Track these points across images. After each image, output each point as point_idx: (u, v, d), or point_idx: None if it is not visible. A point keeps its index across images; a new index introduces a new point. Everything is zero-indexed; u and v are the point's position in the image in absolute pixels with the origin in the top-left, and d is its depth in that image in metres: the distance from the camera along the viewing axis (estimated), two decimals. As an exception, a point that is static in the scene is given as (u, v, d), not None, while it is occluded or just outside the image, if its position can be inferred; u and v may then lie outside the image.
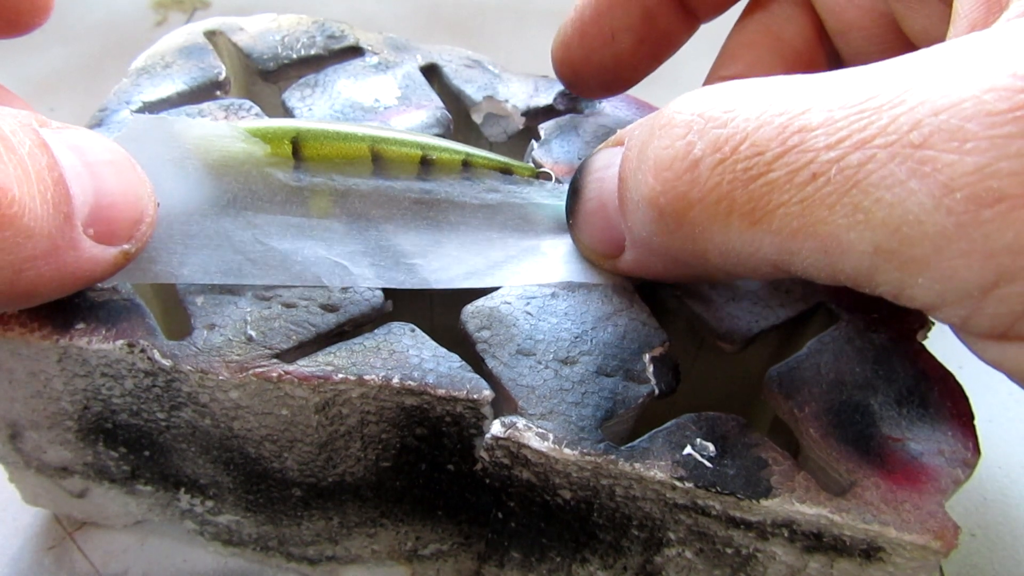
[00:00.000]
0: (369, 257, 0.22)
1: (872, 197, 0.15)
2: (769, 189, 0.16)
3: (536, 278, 0.23)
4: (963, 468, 0.21)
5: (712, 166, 0.17)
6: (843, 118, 0.15)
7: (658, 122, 0.18)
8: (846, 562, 0.20)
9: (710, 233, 0.17)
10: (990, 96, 0.14)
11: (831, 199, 0.15)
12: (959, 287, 0.15)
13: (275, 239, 0.22)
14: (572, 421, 0.20)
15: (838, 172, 0.15)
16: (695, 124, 0.17)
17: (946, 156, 0.14)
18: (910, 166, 0.14)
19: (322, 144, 0.23)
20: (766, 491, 0.20)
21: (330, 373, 0.21)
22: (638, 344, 0.22)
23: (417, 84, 0.28)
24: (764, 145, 0.16)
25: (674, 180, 0.17)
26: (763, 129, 0.16)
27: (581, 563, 0.24)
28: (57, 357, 0.22)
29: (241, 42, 0.29)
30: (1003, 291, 0.14)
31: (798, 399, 0.21)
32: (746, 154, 0.16)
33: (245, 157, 0.22)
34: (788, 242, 0.16)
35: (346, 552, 0.27)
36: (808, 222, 0.16)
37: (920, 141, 0.14)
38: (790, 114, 0.16)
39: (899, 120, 0.15)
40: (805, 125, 0.16)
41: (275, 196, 0.22)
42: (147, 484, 0.26)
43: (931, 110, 0.14)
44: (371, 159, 0.23)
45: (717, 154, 0.17)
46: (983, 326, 0.15)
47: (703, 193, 0.17)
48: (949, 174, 0.14)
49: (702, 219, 0.17)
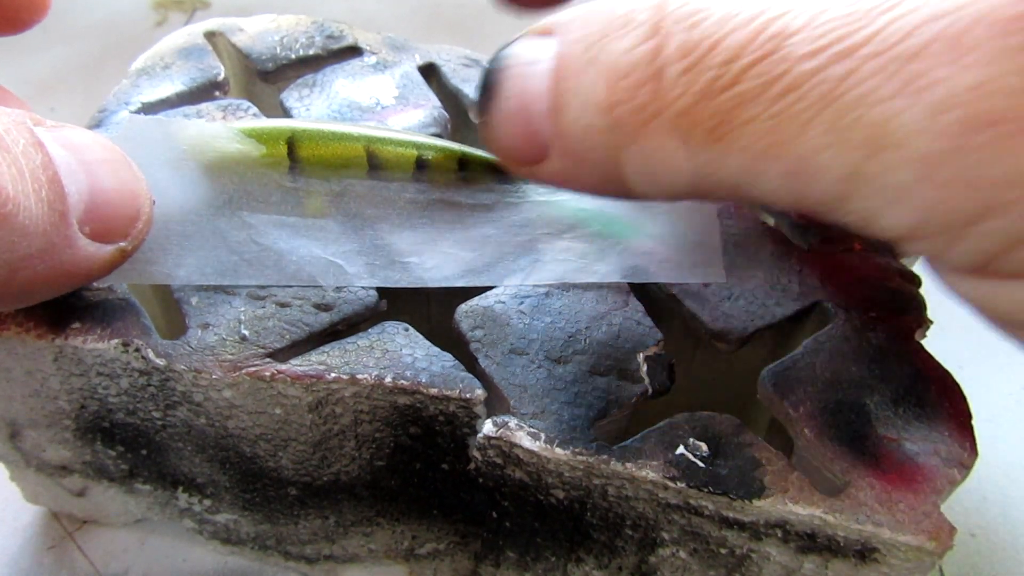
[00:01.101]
0: (364, 256, 0.22)
1: (852, 115, 0.13)
2: (738, 102, 0.14)
3: (532, 278, 0.23)
4: (959, 469, 0.20)
5: (678, 75, 0.15)
6: (827, 22, 0.14)
7: (612, 16, 0.16)
8: (841, 563, 0.20)
9: (666, 150, 0.16)
10: (998, 0, 0.12)
11: (806, 115, 0.14)
12: (939, 219, 0.14)
13: (270, 239, 0.22)
14: (564, 420, 0.20)
15: (816, 85, 0.14)
16: (661, 24, 0.15)
17: (941, 70, 0.13)
18: (899, 81, 0.13)
19: (317, 145, 0.23)
20: (759, 491, 0.20)
21: (323, 372, 0.21)
22: (632, 343, 0.22)
23: (415, 84, 0.28)
24: (735, 52, 0.14)
25: (633, 89, 0.15)
26: (736, 33, 0.14)
27: (576, 563, 0.24)
28: (53, 356, 0.22)
29: (240, 43, 0.30)
30: (987, 225, 0.13)
31: (793, 399, 0.21)
32: (716, 61, 0.14)
33: (240, 157, 0.22)
34: (753, 163, 0.15)
35: (343, 551, 0.27)
36: (778, 140, 0.14)
37: (914, 51, 0.13)
38: (768, 15, 0.14)
39: (892, 26, 0.13)
40: (782, 29, 0.14)
41: (270, 196, 0.22)
42: (145, 483, 0.26)
43: (930, 14, 0.13)
44: (366, 159, 0.23)
45: (684, 61, 0.15)
46: (959, 261, 0.14)
47: (664, 105, 0.15)
48: (943, 91, 0.13)
49: (660, 134, 0.15)
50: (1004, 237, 0.13)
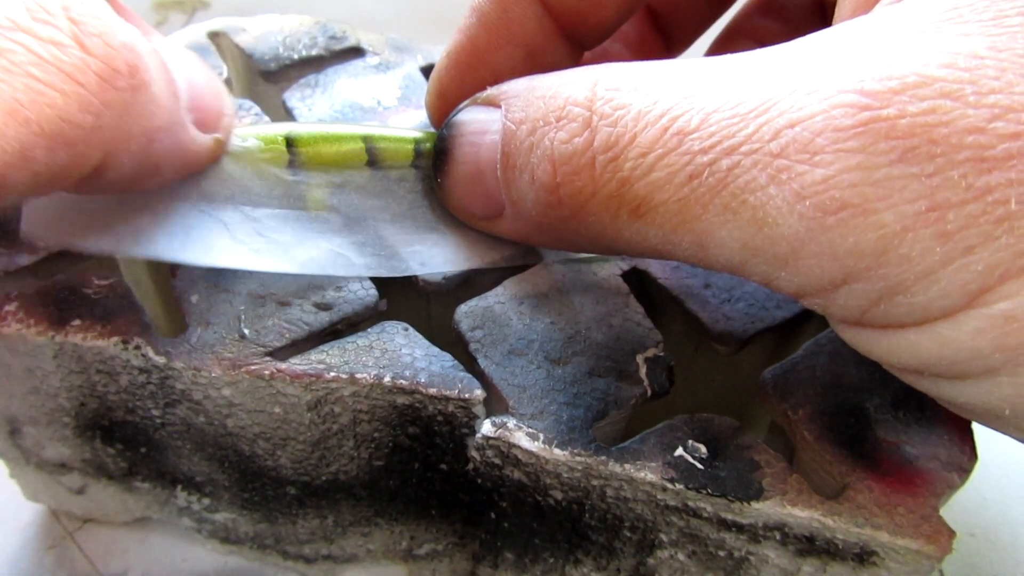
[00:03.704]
0: (369, 247, 0.22)
1: (739, 199, 0.16)
2: (652, 188, 0.17)
3: (532, 258, 0.23)
4: (959, 473, 0.20)
5: (604, 164, 0.18)
6: (716, 122, 0.16)
7: (551, 106, 0.19)
8: (839, 566, 0.20)
9: (602, 222, 0.18)
10: (838, 112, 0.15)
11: (704, 199, 0.16)
12: (814, 283, 0.16)
13: (275, 232, 0.22)
14: (563, 421, 0.20)
15: (710, 175, 0.16)
16: (591, 119, 0.18)
17: (799, 166, 0.15)
18: (769, 173, 0.16)
19: (315, 139, 0.23)
20: (757, 493, 0.19)
21: (322, 371, 0.21)
22: (632, 345, 0.22)
23: (417, 84, 0.28)
24: (647, 146, 0.17)
25: (572, 175, 0.18)
26: (647, 130, 0.17)
27: (574, 564, 0.24)
28: (53, 353, 0.22)
29: (243, 43, 0.30)
30: (850, 288, 0.16)
31: (792, 401, 0.21)
32: (633, 154, 0.17)
33: (240, 155, 0.22)
34: (669, 235, 0.17)
35: (342, 551, 0.27)
36: (685, 219, 0.17)
37: (778, 151, 0.16)
38: (671, 115, 0.17)
39: (762, 129, 0.16)
40: (683, 128, 0.17)
41: (272, 191, 0.22)
42: (144, 481, 0.26)
43: (788, 121, 0.16)
44: (365, 153, 0.23)
45: (609, 153, 0.18)
46: (838, 315, 0.17)
47: (597, 188, 0.18)
48: (801, 183, 0.15)
49: (596, 210, 0.18)
50: (867, 296, 0.16)
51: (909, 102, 0.15)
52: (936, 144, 0.15)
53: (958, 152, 0.15)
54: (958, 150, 0.15)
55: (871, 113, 0.15)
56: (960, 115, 0.15)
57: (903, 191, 0.15)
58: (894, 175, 0.15)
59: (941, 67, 0.15)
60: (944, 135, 0.15)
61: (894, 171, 0.15)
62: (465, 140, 0.21)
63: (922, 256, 0.15)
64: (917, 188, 0.15)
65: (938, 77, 0.15)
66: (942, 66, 0.15)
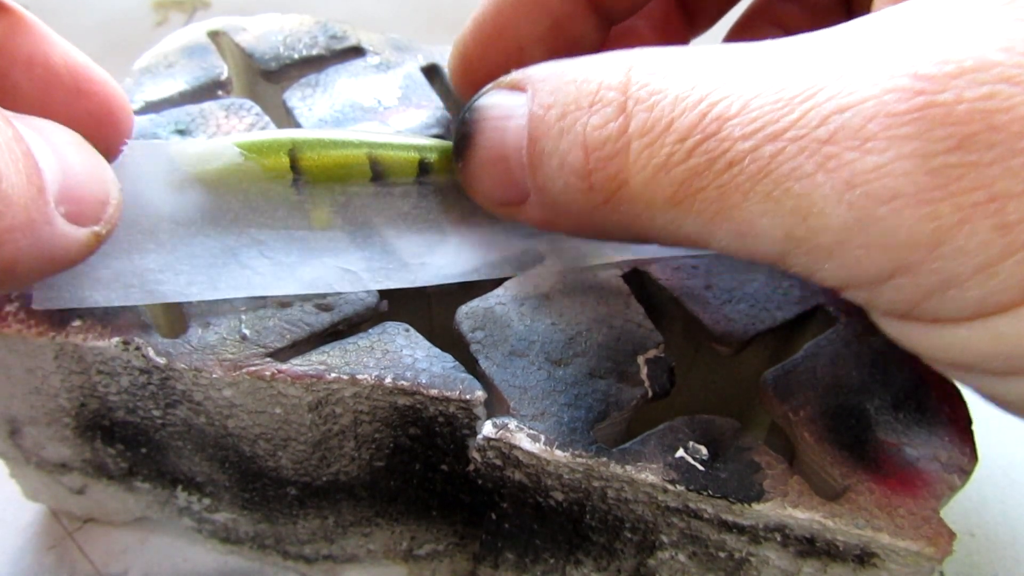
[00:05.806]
0: (377, 262, 0.22)
1: (782, 187, 0.15)
2: (690, 175, 0.16)
3: (537, 270, 0.23)
4: (959, 474, 0.20)
5: (640, 150, 0.17)
6: (758, 107, 0.16)
7: (584, 91, 0.18)
8: (840, 567, 0.20)
9: (635, 210, 0.18)
10: (890, 97, 0.15)
11: (745, 187, 0.16)
12: (862, 275, 0.16)
13: (281, 253, 0.22)
14: (564, 423, 0.20)
15: (752, 161, 0.16)
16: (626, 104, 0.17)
17: (849, 153, 0.15)
18: (817, 160, 0.15)
19: (319, 154, 0.22)
20: (758, 495, 0.19)
21: (323, 372, 0.21)
22: (632, 346, 0.22)
23: (417, 84, 0.28)
24: (686, 132, 0.16)
25: (606, 161, 0.18)
26: (685, 116, 0.16)
27: (575, 565, 0.24)
28: (53, 354, 0.22)
29: (244, 42, 0.30)
30: (899, 281, 0.15)
31: (793, 402, 0.21)
32: (671, 140, 0.17)
33: (243, 174, 0.22)
34: (707, 224, 0.17)
35: (342, 551, 0.27)
36: (724, 207, 0.16)
37: (827, 137, 0.15)
38: (709, 100, 0.16)
39: (809, 115, 0.15)
40: (722, 113, 0.16)
41: (276, 211, 0.22)
42: (145, 481, 0.26)
43: (837, 107, 0.15)
44: (369, 166, 0.23)
45: (645, 138, 0.17)
46: (886, 308, 0.16)
47: (632, 175, 0.17)
48: (851, 171, 0.15)
49: (630, 198, 0.18)
50: (917, 290, 0.15)
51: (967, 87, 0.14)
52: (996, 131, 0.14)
53: (1019, 140, 0.14)
54: (1019, 138, 0.14)
55: (926, 98, 0.14)
56: (1021, 101, 0.14)
57: (961, 180, 0.14)
58: (951, 163, 0.14)
59: (1000, 51, 0.14)
60: (1004, 122, 0.14)
61: (951, 159, 0.14)
62: (489, 124, 0.20)
63: (980, 248, 0.14)
64: (976, 177, 0.14)
65: (997, 61, 0.14)
66: (1001, 50, 0.14)
